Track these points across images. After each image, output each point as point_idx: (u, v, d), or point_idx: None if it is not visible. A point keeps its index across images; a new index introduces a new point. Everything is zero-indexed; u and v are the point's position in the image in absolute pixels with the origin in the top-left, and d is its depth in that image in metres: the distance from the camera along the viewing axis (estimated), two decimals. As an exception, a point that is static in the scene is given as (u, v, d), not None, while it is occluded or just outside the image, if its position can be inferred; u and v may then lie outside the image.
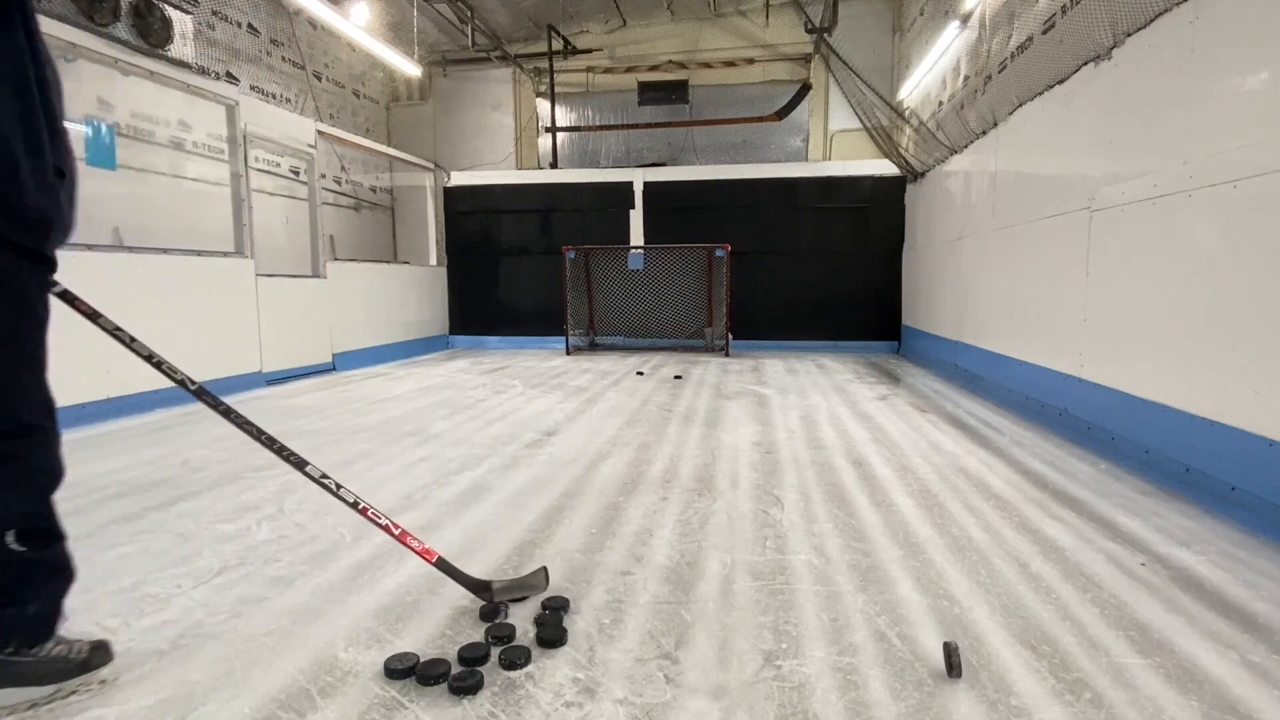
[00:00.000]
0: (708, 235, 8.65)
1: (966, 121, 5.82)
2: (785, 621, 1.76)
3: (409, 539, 1.79)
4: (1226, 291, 2.63)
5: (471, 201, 9.46)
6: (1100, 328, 3.58)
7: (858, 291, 8.66)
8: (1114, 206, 3.44)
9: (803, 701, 1.43)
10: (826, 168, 8.78)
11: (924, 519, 2.53)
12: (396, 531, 1.78)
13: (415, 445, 3.72)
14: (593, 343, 9.19)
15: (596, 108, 10.16)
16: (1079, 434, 3.74)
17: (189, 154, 6.41)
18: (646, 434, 3.96)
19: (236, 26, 7.28)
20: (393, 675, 1.51)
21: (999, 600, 1.88)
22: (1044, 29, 4.34)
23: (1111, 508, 2.65)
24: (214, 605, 1.87)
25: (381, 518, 1.78)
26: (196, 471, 3.17)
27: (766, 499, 2.76)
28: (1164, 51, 3.09)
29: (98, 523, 2.52)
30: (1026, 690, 1.47)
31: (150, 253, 4.94)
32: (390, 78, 10.20)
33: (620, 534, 2.39)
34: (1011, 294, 4.88)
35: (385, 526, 1.77)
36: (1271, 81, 2.43)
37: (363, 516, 1.77)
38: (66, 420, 4.60)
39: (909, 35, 8.29)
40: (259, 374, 5.87)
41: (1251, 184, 2.49)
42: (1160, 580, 2.01)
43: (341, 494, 1.76)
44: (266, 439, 1.77)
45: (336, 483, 1.77)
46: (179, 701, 1.44)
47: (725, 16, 9.53)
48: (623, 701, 1.43)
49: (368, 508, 1.78)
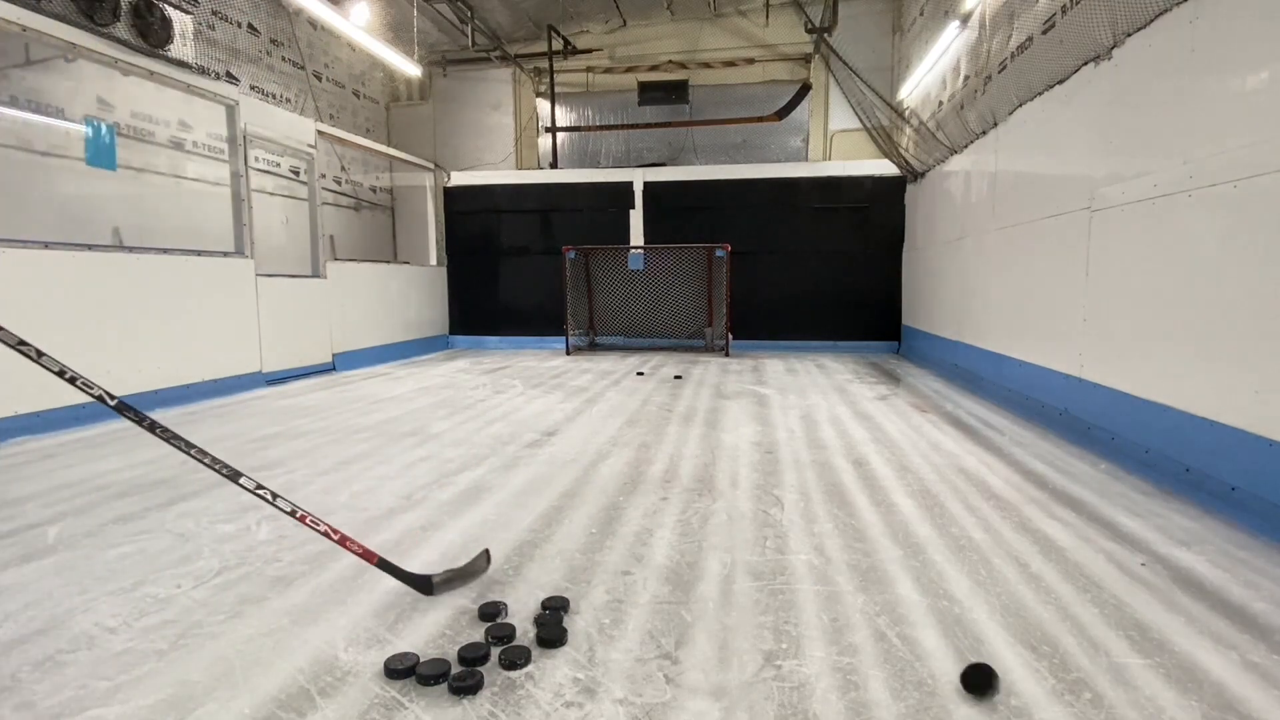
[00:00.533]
0: (708, 235, 8.65)
1: (966, 121, 5.81)
2: (785, 621, 1.76)
3: (349, 543, 1.83)
4: (1227, 291, 2.63)
5: (471, 201, 9.46)
6: (1100, 328, 3.58)
7: (858, 291, 8.66)
8: (1114, 206, 3.44)
9: (803, 701, 1.43)
10: (826, 168, 8.78)
11: (924, 519, 2.53)
12: (336, 536, 1.82)
13: (415, 445, 3.72)
14: (593, 343, 9.19)
15: (596, 108, 10.16)
16: (1079, 434, 3.74)
17: (189, 154, 6.41)
18: (646, 434, 3.96)
19: (236, 26, 7.27)
20: (393, 675, 1.51)
21: (999, 600, 1.88)
22: (1044, 29, 4.34)
23: (1112, 508, 2.65)
24: (214, 605, 1.87)
25: (320, 524, 1.81)
26: (196, 471, 3.17)
27: (766, 499, 2.76)
28: (1164, 51, 3.09)
29: (98, 523, 2.52)
30: (1026, 690, 1.47)
31: (150, 253, 4.94)
32: (390, 78, 10.20)
33: (620, 534, 2.39)
34: (1011, 294, 4.88)
35: (324, 532, 1.81)
36: (1271, 81, 2.43)
37: (301, 524, 1.81)
38: (66, 421, 4.59)
39: (909, 35, 8.29)
40: (259, 374, 5.87)
41: (1251, 184, 2.49)
42: (1160, 580, 2.01)
43: (278, 504, 1.79)
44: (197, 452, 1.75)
45: (272, 492, 1.81)
46: (179, 701, 1.44)
47: (725, 16, 9.53)
48: (623, 701, 1.43)
49: (305, 515, 1.81)
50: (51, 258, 4.22)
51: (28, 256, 4.09)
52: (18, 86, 4.89)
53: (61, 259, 4.28)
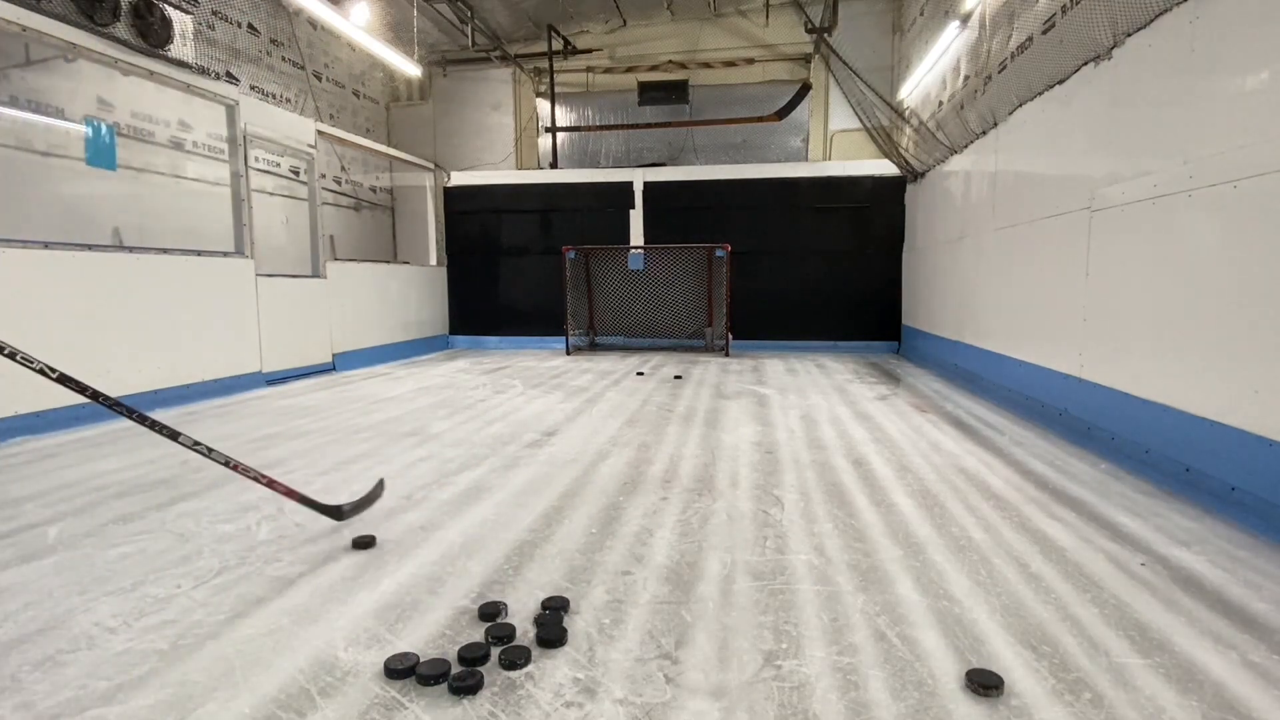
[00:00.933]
0: (708, 235, 8.65)
1: (966, 121, 5.81)
2: (785, 621, 1.76)
3: (276, 485, 2.24)
4: (1227, 291, 2.63)
5: (471, 202, 9.46)
6: (1100, 328, 3.58)
7: (858, 291, 8.66)
8: (1114, 206, 3.44)
9: (803, 701, 1.43)
10: (826, 168, 8.78)
11: (924, 519, 2.53)
12: (264, 480, 2.21)
13: (415, 445, 3.72)
14: (593, 343, 9.19)
15: (596, 108, 10.15)
16: (1079, 434, 3.74)
17: (189, 154, 6.41)
18: (646, 434, 3.96)
19: (236, 26, 7.27)
20: (393, 675, 1.51)
21: (999, 600, 1.88)
22: (1044, 29, 4.34)
23: (1111, 508, 2.65)
24: (214, 605, 1.87)
25: (250, 471, 2.19)
26: (196, 471, 3.17)
27: (766, 499, 2.76)
28: (1164, 51, 3.09)
29: (98, 523, 2.52)
30: (1026, 690, 1.47)
31: (150, 253, 4.94)
32: (390, 78, 10.20)
33: (620, 534, 2.39)
34: (1012, 294, 4.88)
35: (254, 478, 2.19)
36: (1271, 81, 2.43)
37: (234, 471, 2.19)
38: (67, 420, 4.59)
39: (909, 35, 8.28)
40: (259, 374, 5.87)
41: (1251, 184, 2.49)
42: (1160, 580, 2.01)
43: (213, 457, 2.12)
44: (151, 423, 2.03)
45: (207, 447, 2.13)
46: (179, 701, 1.44)
47: (725, 16, 9.52)
48: (623, 701, 1.43)
49: (238, 464, 2.18)
50: (51, 258, 4.22)
51: (28, 257, 4.09)
52: (18, 86, 4.89)
53: (61, 259, 4.27)
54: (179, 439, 2.01)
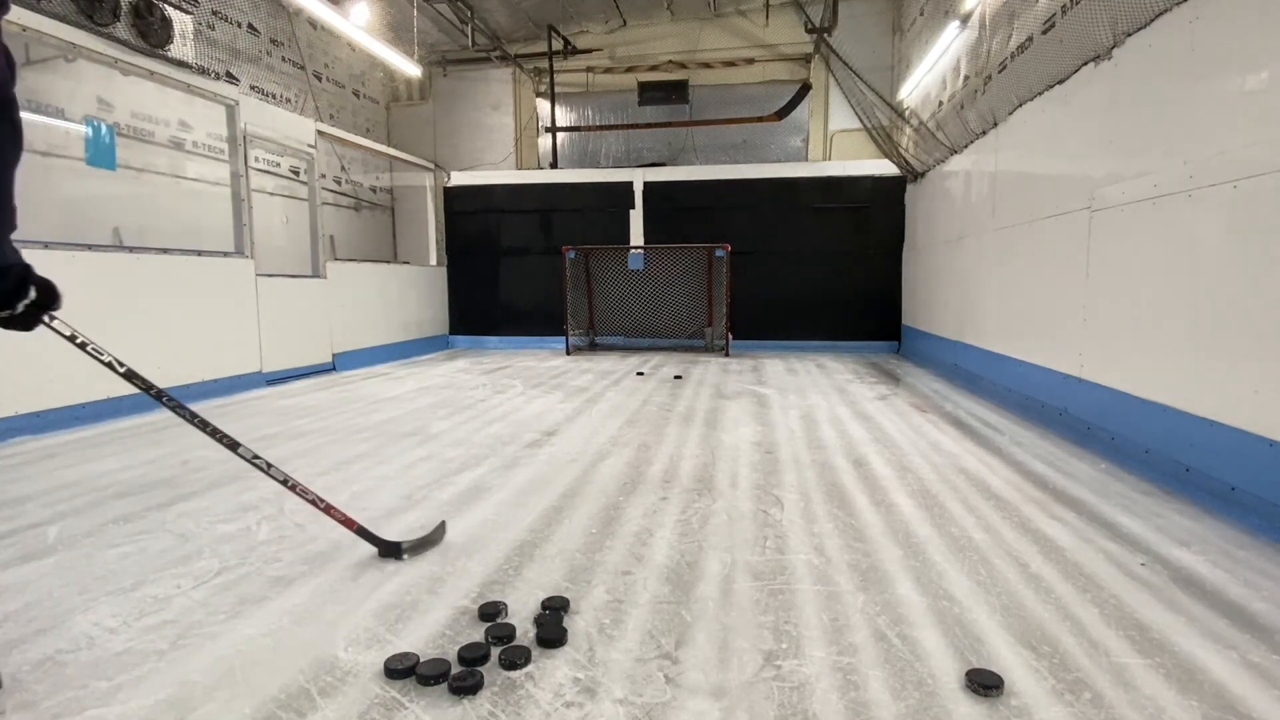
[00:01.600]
0: (708, 235, 8.64)
1: (966, 121, 5.81)
2: (785, 621, 1.76)
3: (333, 511, 2.13)
4: (1226, 291, 2.63)
5: (471, 201, 9.46)
6: (1100, 328, 3.58)
7: (858, 292, 8.66)
8: (1114, 206, 3.44)
9: (803, 701, 1.43)
10: (826, 168, 8.78)
11: (924, 519, 2.53)
12: (321, 505, 2.11)
13: (415, 445, 3.72)
14: (593, 343, 9.19)
15: (596, 108, 10.15)
16: (1079, 434, 3.74)
17: (189, 154, 6.41)
18: (646, 434, 3.96)
19: (236, 26, 7.27)
20: (393, 675, 1.51)
21: (999, 600, 1.88)
22: (1044, 29, 4.34)
23: (1111, 508, 2.65)
24: (214, 605, 1.87)
25: (309, 493, 2.10)
26: (196, 471, 3.17)
27: (766, 499, 2.76)
28: (1164, 51, 3.09)
29: (97, 523, 2.52)
30: (1026, 690, 1.47)
31: (150, 253, 4.94)
32: (390, 78, 10.20)
33: (620, 534, 2.39)
34: (1011, 294, 4.88)
35: (312, 500, 2.10)
36: (1271, 81, 2.43)
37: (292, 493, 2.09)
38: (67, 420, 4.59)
39: (909, 35, 8.28)
40: (259, 374, 5.87)
41: (1251, 184, 2.49)
42: (1160, 580, 2.01)
43: (272, 474, 2.06)
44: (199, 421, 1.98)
45: (266, 462, 2.06)
46: (179, 701, 1.44)
47: (725, 16, 9.52)
48: (623, 701, 1.43)
49: (296, 484, 2.10)
50: (51, 258, 4.22)
51: (27, 257, 4.07)
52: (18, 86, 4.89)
53: (61, 259, 4.27)
54: (238, 450, 1.98)
